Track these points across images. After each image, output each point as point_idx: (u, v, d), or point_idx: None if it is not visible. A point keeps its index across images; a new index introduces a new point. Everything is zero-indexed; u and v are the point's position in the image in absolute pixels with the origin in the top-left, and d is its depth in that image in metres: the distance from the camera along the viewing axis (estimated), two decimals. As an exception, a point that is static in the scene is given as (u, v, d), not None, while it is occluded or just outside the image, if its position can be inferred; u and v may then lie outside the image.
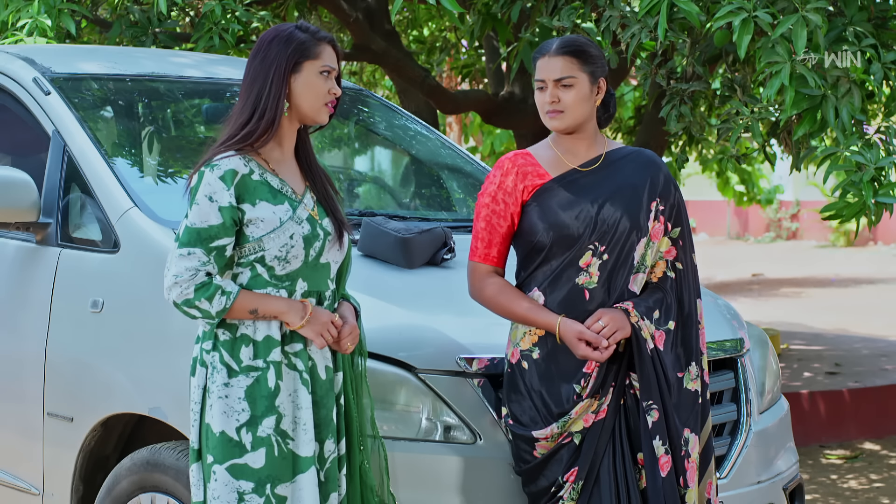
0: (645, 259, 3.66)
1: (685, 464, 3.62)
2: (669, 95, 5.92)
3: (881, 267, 20.37)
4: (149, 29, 6.58)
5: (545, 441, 3.61)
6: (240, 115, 3.42)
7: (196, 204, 3.35)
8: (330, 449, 3.46)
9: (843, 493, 6.80)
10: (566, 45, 3.66)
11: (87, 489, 4.18)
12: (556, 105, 3.64)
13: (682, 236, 3.72)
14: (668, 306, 3.66)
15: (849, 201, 5.15)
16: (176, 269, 3.33)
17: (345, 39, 10.45)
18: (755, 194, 17.84)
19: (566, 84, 3.64)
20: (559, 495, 3.60)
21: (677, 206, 3.72)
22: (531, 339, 3.66)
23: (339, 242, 3.50)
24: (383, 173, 6.04)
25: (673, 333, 3.66)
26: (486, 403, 3.71)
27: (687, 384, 3.67)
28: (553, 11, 6.23)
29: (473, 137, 15.95)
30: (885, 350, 10.46)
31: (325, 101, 3.46)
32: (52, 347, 4.20)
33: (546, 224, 3.63)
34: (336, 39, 3.51)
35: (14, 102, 4.62)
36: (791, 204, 28.24)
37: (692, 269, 3.74)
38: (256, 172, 3.40)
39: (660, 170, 3.72)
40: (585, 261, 3.62)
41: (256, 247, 3.38)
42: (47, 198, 4.33)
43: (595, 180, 3.67)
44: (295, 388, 3.40)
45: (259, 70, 3.41)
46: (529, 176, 3.69)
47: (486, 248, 3.72)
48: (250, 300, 3.37)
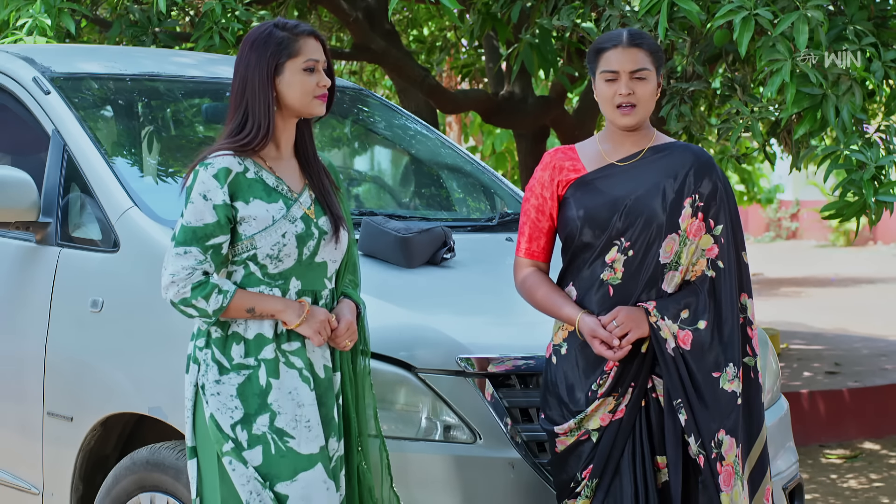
0: (680, 257, 3.58)
1: (717, 466, 3.56)
2: (670, 95, 5.92)
3: (881, 266, 20.37)
4: (149, 28, 6.58)
5: (564, 436, 3.61)
6: (233, 122, 3.41)
7: (191, 203, 3.35)
8: (333, 448, 3.46)
9: (842, 492, 6.80)
10: (640, 36, 3.58)
11: (86, 488, 4.18)
12: (631, 98, 3.56)
13: (724, 234, 3.61)
14: (699, 306, 3.58)
15: (849, 200, 5.15)
16: (172, 268, 3.34)
17: (345, 39, 10.45)
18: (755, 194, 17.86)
19: (640, 77, 3.57)
20: (577, 491, 3.61)
21: (719, 203, 3.61)
22: (563, 334, 3.66)
23: (336, 240, 3.49)
24: (383, 173, 6.04)
25: (706, 333, 3.57)
26: (487, 404, 3.71)
27: (724, 384, 3.58)
28: (553, 11, 6.23)
29: (473, 137, 15.95)
30: (884, 350, 10.46)
31: (315, 95, 3.43)
32: (52, 347, 4.20)
33: (576, 216, 3.61)
34: (319, 31, 3.49)
35: (14, 102, 4.62)
36: (791, 203, 28.24)
37: (737, 267, 3.63)
38: (251, 170, 3.40)
39: (701, 165, 3.61)
40: (611, 256, 3.59)
41: (249, 245, 3.38)
42: (47, 197, 4.33)
43: (629, 175, 3.62)
44: (295, 386, 3.39)
45: (244, 77, 3.41)
46: (565, 170, 3.67)
47: (528, 242, 3.72)
48: (247, 299, 3.37)
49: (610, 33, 3.64)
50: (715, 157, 6.90)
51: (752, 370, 3.67)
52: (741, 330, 3.64)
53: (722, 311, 3.60)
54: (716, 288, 3.60)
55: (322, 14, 9.87)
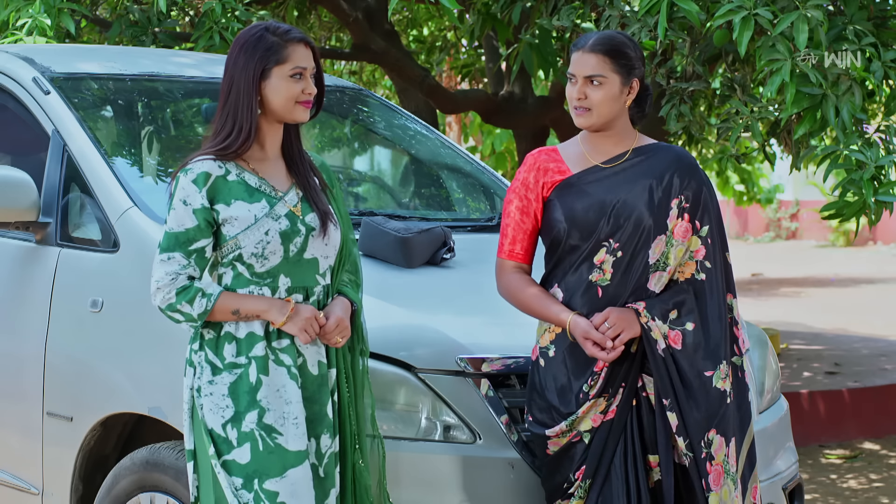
0: (667, 258, 3.61)
1: (707, 466, 3.57)
2: (669, 95, 5.92)
3: (881, 267, 20.36)
4: (148, 28, 6.58)
5: (556, 438, 3.61)
6: (220, 124, 3.42)
7: (173, 209, 3.38)
8: (326, 444, 3.46)
9: (842, 492, 6.80)
10: (602, 42, 3.61)
11: (86, 489, 4.18)
12: (583, 102, 3.61)
13: (710, 234, 3.65)
14: (688, 306, 3.60)
15: (849, 200, 5.15)
16: (157, 275, 3.38)
17: (344, 39, 10.46)
18: (755, 194, 17.83)
19: (596, 82, 3.61)
20: (570, 492, 3.61)
21: (705, 204, 3.65)
22: (550, 336, 3.66)
23: (325, 235, 3.48)
24: (383, 173, 6.04)
25: (696, 333, 3.59)
26: (487, 404, 3.71)
27: (717, 383, 3.60)
28: (553, 11, 6.23)
29: (473, 137, 15.94)
30: (884, 350, 10.45)
31: (298, 101, 3.43)
32: (52, 347, 4.20)
33: (562, 219, 3.62)
34: (310, 37, 3.48)
35: (14, 102, 4.62)
36: (791, 204, 28.22)
37: (722, 267, 3.67)
38: (233, 173, 3.41)
39: (685, 167, 3.65)
40: (599, 258, 3.60)
41: (233, 245, 3.39)
42: (47, 197, 4.33)
43: (615, 177, 3.64)
44: (283, 384, 3.40)
45: (232, 80, 3.41)
46: (550, 172, 3.68)
47: (511, 244, 3.72)
48: (232, 301, 3.38)
49: (584, 36, 3.68)
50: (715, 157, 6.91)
51: (740, 369, 3.69)
52: (728, 329, 3.66)
53: (712, 310, 3.62)
54: (705, 288, 3.63)
55: (322, 14, 9.87)
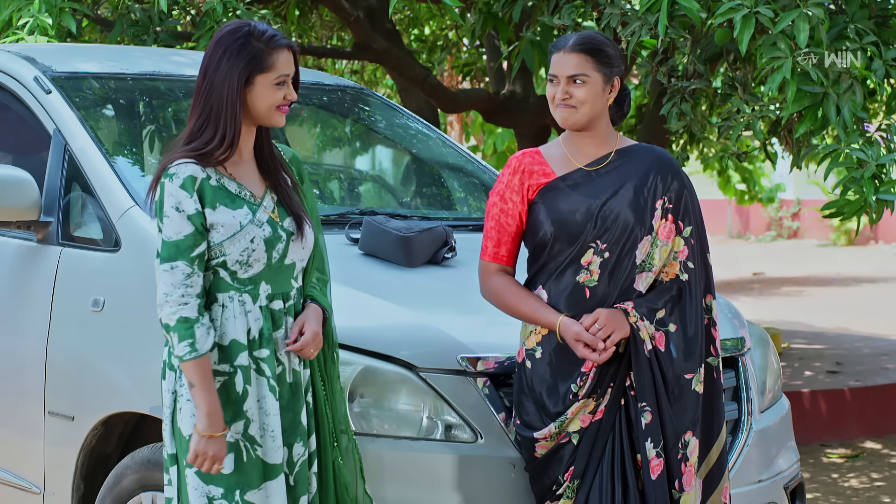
0: (652, 258, 3.62)
1: (682, 467, 3.59)
2: (670, 94, 5.92)
3: (882, 266, 20.35)
4: (150, 28, 6.58)
5: (544, 441, 3.61)
6: (197, 126, 3.37)
7: (166, 217, 3.33)
8: (299, 452, 3.45)
9: (844, 491, 6.80)
10: (582, 42, 3.63)
11: (87, 488, 4.18)
12: (568, 101, 3.62)
13: (693, 235, 3.67)
14: (673, 307, 3.63)
15: (849, 199, 5.15)
16: (164, 287, 3.33)
17: (346, 38, 10.46)
18: (756, 193, 17.81)
19: (579, 81, 3.62)
20: (558, 493, 3.61)
21: (686, 205, 3.67)
22: (535, 338, 3.66)
23: (301, 238, 3.47)
24: (384, 172, 6.04)
25: (677, 335, 3.62)
26: (488, 403, 3.71)
27: (695, 385, 3.63)
28: (554, 10, 6.23)
29: (475, 136, 15.94)
30: (886, 349, 10.45)
31: (279, 106, 3.42)
32: (53, 346, 4.20)
33: (549, 221, 3.62)
34: (294, 42, 3.46)
35: (15, 101, 4.62)
36: (792, 203, 28.21)
37: (704, 268, 3.69)
38: (213, 178, 3.38)
39: (669, 167, 3.67)
40: (587, 259, 3.61)
41: (218, 251, 3.36)
42: (48, 197, 4.33)
43: (600, 178, 3.65)
44: (263, 395, 3.39)
45: (212, 82, 3.36)
46: (535, 174, 3.69)
47: (496, 246, 3.72)
48: (196, 374, 3.29)
49: (563, 37, 3.69)
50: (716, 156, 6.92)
51: (715, 370, 3.70)
52: (706, 331, 3.68)
53: (691, 312, 3.64)
54: (688, 289, 3.65)
55: (323, 13, 9.87)
